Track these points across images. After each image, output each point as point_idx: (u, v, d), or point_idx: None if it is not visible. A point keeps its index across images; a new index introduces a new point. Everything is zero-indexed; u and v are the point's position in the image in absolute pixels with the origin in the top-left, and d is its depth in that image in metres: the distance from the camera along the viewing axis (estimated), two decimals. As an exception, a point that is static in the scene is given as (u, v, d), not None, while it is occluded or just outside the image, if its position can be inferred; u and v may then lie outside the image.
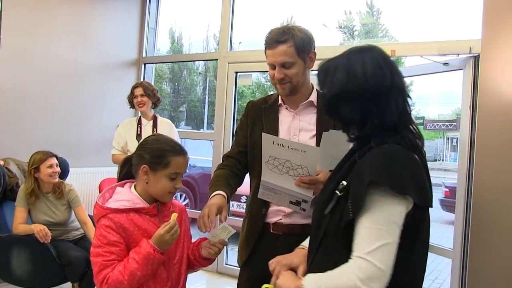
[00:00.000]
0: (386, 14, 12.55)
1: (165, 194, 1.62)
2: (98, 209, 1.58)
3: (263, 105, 1.94)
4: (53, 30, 4.27)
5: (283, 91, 1.80)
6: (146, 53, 5.19)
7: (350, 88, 1.18)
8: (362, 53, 1.23)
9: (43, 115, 4.20)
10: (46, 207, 3.26)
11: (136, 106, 3.75)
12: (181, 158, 1.62)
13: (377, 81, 1.18)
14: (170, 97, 13.42)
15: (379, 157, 1.14)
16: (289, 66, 1.74)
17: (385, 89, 1.18)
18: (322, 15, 9.42)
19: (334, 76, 1.21)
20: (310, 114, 1.85)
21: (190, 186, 6.39)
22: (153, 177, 1.60)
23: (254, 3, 6.05)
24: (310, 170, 1.65)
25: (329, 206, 1.20)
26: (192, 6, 6.61)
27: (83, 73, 4.57)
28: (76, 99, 4.51)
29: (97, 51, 4.70)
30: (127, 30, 5.05)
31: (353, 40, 13.19)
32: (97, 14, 4.71)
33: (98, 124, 4.67)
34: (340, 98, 1.21)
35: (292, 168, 1.67)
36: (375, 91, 1.18)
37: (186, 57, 7.54)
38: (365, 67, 1.19)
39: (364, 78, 1.18)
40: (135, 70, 5.12)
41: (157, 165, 1.59)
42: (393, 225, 1.09)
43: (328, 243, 1.21)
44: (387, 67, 1.21)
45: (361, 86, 1.18)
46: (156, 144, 1.63)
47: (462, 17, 5.58)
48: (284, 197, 1.75)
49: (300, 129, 1.84)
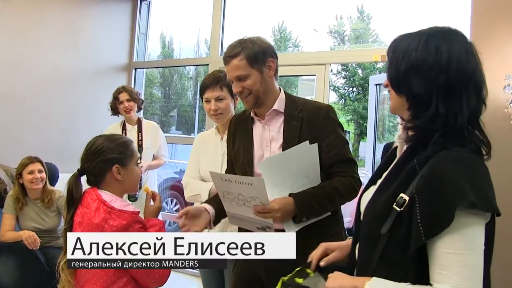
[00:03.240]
0: (377, 20, 12.65)
1: (137, 182, 1.71)
2: (130, 216, 1.52)
3: (242, 117, 1.95)
4: (43, 35, 4.23)
5: (247, 104, 1.80)
6: (137, 58, 5.17)
7: (429, 62, 1.04)
8: (447, 34, 1.09)
9: (32, 120, 4.15)
10: (35, 214, 3.22)
11: (122, 112, 3.64)
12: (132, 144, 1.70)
13: (459, 66, 1.03)
14: (160, 102, 13.39)
15: (458, 170, 0.97)
16: (243, 78, 1.74)
17: (464, 79, 1.04)
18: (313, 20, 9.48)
19: (414, 49, 1.07)
20: (278, 123, 1.82)
21: (180, 191, 6.34)
22: (125, 172, 1.63)
23: (246, 8, 6.06)
24: (263, 200, 1.63)
25: (387, 224, 1.05)
26: (183, 11, 6.61)
27: (74, 78, 4.53)
28: (66, 104, 4.46)
29: (88, 56, 4.66)
30: (118, 35, 5.02)
31: (343, 45, 13.28)
32: (88, 19, 4.67)
33: (89, 129, 4.60)
34: (415, 72, 1.06)
35: (246, 201, 1.66)
36: (454, 76, 1.03)
37: (177, 62, 7.51)
38: (451, 46, 1.05)
39: (447, 57, 1.04)
40: (126, 75, 5.09)
41: (125, 159, 1.63)
42: (478, 246, 0.96)
43: (389, 267, 1.05)
44: (472, 55, 1.07)
45: (441, 64, 1.03)
46: (109, 143, 1.64)
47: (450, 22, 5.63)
48: (250, 223, 1.74)
49: (270, 139, 1.82)
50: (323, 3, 8.00)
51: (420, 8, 8.38)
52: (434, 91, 1.04)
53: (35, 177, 3.17)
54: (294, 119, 1.78)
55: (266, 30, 11.01)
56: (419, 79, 1.05)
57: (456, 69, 1.03)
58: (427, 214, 0.96)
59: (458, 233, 0.94)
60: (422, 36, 1.08)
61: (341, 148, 1.77)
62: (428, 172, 1.00)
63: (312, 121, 1.77)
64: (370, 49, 6.18)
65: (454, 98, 1.04)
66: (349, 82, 15.54)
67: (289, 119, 1.79)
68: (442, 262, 0.96)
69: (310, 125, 1.76)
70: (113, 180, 1.60)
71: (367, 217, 1.14)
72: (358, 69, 14.90)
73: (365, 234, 1.15)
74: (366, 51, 5.22)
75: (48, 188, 3.27)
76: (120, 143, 1.63)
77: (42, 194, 3.24)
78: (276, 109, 1.82)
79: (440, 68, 1.03)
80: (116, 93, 3.67)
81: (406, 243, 0.99)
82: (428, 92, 1.04)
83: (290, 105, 1.82)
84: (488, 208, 0.96)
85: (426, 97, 1.05)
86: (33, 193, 3.22)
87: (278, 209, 1.64)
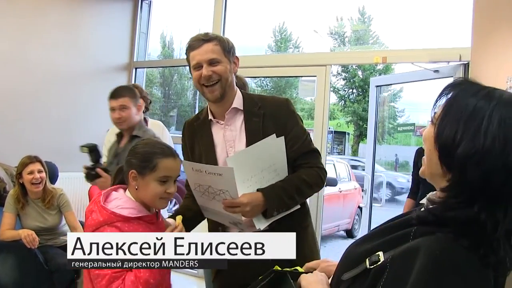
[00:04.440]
0: (377, 21, 12.66)
1: (156, 199, 1.54)
2: (107, 216, 1.47)
3: (195, 123, 1.87)
4: (44, 34, 4.23)
5: (213, 94, 1.72)
6: (137, 58, 5.17)
7: (496, 153, 0.81)
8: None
9: (33, 119, 4.15)
10: (36, 213, 3.21)
11: None
12: (170, 161, 1.54)
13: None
14: (160, 101, 13.38)
15: (433, 263, 0.80)
16: (215, 63, 1.69)
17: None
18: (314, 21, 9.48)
19: (486, 127, 0.82)
20: (238, 121, 1.78)
21: (180, 192, 6.32)
22: (142, 182, 1.53)
23: (247, 9, 6.07)
24: (232, 193, 1.59)
25: (350, 273, 0.94)
26: (184, 11, 6.61)
27: (74, 77, 4.53)
28: (66, 103, 4.46)
29: (88, 55, 4.67)
30: (119, 35, 5.02)
31: (344, 46, 13.30)
32: (89, 18, 4.67)
33: (89, 129, 4.61)
34: (477, 160, 0.82)
35: (215, 194, 1.62)
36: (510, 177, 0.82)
37: (177, 62, 7.48)
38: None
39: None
40: (126, 75, 5.09)
41: (144, 169, 1.52)
42: None
43: None
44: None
45: (507, 161, 0.81)
46: (145, 147, 1.57)
47: (452, 26, 5.65)
48: (223, 218, 1.71)
49: (233, 139, 1.78)
50: (324, 4, 8.00)
51: (421, 10, 8.39)
52: (485, 191, 0.83)
53: (34, 177, 3.15)
54: (255, 116, 1.76)
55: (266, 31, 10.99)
56: (478, 169, 0.82)
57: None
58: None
59: None
60: (492, 109, 0.84)
61: (304, 140, 1.76)
62: (411, 244, 0.86)
63: (274, 115, 1.75)
64: (371, 51, 6.19)
65: (500, 204, 0.83)
66: (349, 83, 15.56)
67: (249, 116, 1.76)
68: None
69: (273, 120, 1.74)
70: (131, 184, 1.55)
71: (343, 256, 1.04)
72: (358, 71, 14.92)
73: (336, 272, 1.04)
74: (366, 53, 5.23)
75: (48, 187, 3.26)
76: (148, 152, 1.54)
77: (43, 194, 3.23)
78: (235, 107, 1.77)
79: (504, 164, 0.82)
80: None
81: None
82: (479, 188, 0.83)
83: (248, 102, 1.79)
84: None
85: (475, 192, 0.83)
86: (33, 193, 3.21)
87: (246, 203, 1.60)
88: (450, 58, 3.26)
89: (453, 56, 3.23)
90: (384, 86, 4.81)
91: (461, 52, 3.18)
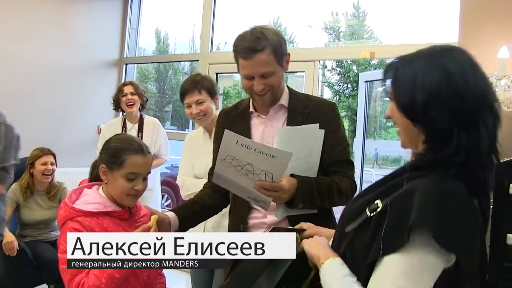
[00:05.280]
0: (372, 16, 12.66)
1: (123, 196, 1.55)
2: (68, 211, 1.50)
3: (232, 113, 1.82)
4: (34, 31, 4.24)
5: (264, 102, 1.66)
6: (127, 54, 5.18)
7: (447, 91, 0.95)
8: (450, 52, 0.99)
9: (24, 115, 4.13)
10: (37, 205, 3.27)
11: (124, 105, 3.50)
12: (139, 157, 1.54)
13: (474, 89, 0.96)
14: (155, 97, 13.36)
15: (432, 196, 0.91)
16: (269, 75, 1.58)
17: (480, 101, 0.96)
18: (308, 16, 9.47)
19: (424, 75, 0.97)
20: (281, 118, 1.71)
21: (171, 186, 6.34)
22: (111, 177, 1.54)
23: (240, 4, 6.05)
24: (275, 177, 1.51)
25: (352, 224, 1.03)
26: (178, 6, 6.60)
27: (65, 73, 4.54)
28: (57, 99, 4.48)
29: (79, 51, 4.67)
30: (109, 31, 5.02)
31: (338, 41, 13.28)
32: (79, 14, 4.68)
33: (80, 124, 4.64)
34: (436, 104, 0.96)
35: (252, 172, 1.52)
36: (471, 102, 0.95)
37: (168, 57, 7.49)
38: (461, 68, 0.96)
39: (463, 82, 0.95)
40: (117, 70, 5.10)
41: (113, 164, 1.53)
42: (421, 278, 0.89)
43: (347, 263, 1.03)
44: (478, 71, 0.99)
45: (459, 93, 0.95)
46: (116, 142, 1.58)
47: (440, 20, 5.66)
48: (242, 191, 1.61)
49: (273, 136, 1.69)
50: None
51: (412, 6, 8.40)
52: (457, 123, 0.95)
53: (47, 169, 3.23)
54: (299, 114, 1.68)
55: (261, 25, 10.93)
56: (442, 112, 0.95)
57: (471, 93, 0.95)
58: (390, 229, 0.92)
59: (407, 254, 0.89)
60: (428, 58, 0.99)
61: (343, 148, 1.69)
62: (407, 188, 0.97)
63: (318, 116, 1.66)
64: (359, 46, 6.19)
65: (474, 126, 0.95)
66: (343, 78, 15.54)
67: (293, 114, 1.69)
68: (379, 279, 0.92)
69: (316, 121, 1.64)
70: (103, 180, 1.57)
71: (342, 214, 1.14)
72: (353, 66, 14.91)
73: (338, 229, 1.13)
74: (355, 48, 5.23)
75: (54, 182, 3.33)
76: (117, 148, 1.55)
77: (49, 187, 3.31)
78: (282, 104, 1.71)
79: (459, 97, 0.94)
80: (121, 85, 3.59)
81: (364, 251, 0.96)
82: (452, 126, 0.95)
83: (294, 100, 1.72)
84: (444, 245, 0.88)
85: (449, 130, 0.96)
86: (41, 184, 3.27)
87: (287, 190, 1.52)
88: (437, 53, 3.27)
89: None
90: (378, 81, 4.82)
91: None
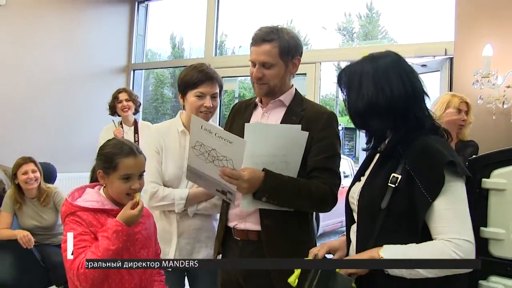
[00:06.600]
0: (385, 16, 12.54)
1: (122, 196, 1.63)
2: (67, 206, 1.60)
3: (244, 103, 1.92)
4: (42, 38, 4.33)
5: (260, 91, 1.76)
6: (135, 60, 5.26)
7: (380, 102, 1.24)
8: (381, 60, 1.28)
9: (31, 121, 4.26)
10: (33, 212, 3.29)
11: (119, 111, 3.74)
12: (130, 159, 1.62)
13: (400, 92, 1.24)
14: (171, 101, 13.48)
15: (439, 144, 1.21)
16: (268, 66, 1.70)
17: (407, 99, 1.24)
18: (322, 18, 9.45)
19: (361, 88, 1.26)
20: (278, 114, 1.77)
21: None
22: (108, 180, 1.64)
23: (254, 7, 6.09)
24: (235, 164, 1.56)
25: (385, 200, 1.21)
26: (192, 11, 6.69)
27: (72, 80, 4.63)
28: (64, 105, 4.57)
29: (86, 58, 4.77)
30: (116, 37, 5.12)
31: (352, 42, 13.21)
32: (86, 22, 4.77)
33: (87, 130, 4.71)
34: (370, 112, 1.26)
35: (217, 159, 1.58)
36: (399, 102, 1.24)
37: (174, 62, 7.55)
38: (389, 80, 1.25)
39: (390, 90, 1.24)
40: (125, 76, 5.19)
41: (108, 169, 1.62)
42: (465, 201, 1.17)
43: (387, 237, 1.21)
44: (406, 74, 1.27)
45: (388, 99, 1.23)
46: (107, 148, 1.66)
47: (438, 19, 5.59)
48: (210, 184, 1.68)
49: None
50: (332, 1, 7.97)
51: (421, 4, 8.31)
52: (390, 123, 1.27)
53: (29, 177, 3.23)
54: (295, 115, 1.74)
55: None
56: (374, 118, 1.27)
57: (398, 95, 1.24)
58: (426, 180, 1.16)
59: (449, 191, 1.15)
60: (363, 68, 1.28)
61: (330, 156, 1.69)
62: (416, 149, 1.21)
63: (312, 121, 1.71)
64: (359, 46, 6.15)
65: (404, 118, 1.25)
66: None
67: (290, 113, 1.75)
68: (441, 217, 1.14)
69: (309, 125, 1.68)
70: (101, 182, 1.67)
71: (365, 198, 1.30)
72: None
73: (365, 213, 1.29)
74: (354, 49, 5.22)
75: (43, 187, 3.33)
76: (109, 153, 1.63)
77: (38, 193, 3.31)
78: (281, 100, 1.77)
79: (388, 103, 1.24)
80: (116, 92, 3.80)
81: (406, 214, 1.19)
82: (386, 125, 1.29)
83: (295, 101, 1.78)
84: (465, 171, 1.18)
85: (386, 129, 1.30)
86: (29, 192, 3.30)
87: (247, 180, 1.57)
88: (436, 52, 3.26)
89: (439, 50, 3.23)
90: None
91: (447, 46, 3.17)
